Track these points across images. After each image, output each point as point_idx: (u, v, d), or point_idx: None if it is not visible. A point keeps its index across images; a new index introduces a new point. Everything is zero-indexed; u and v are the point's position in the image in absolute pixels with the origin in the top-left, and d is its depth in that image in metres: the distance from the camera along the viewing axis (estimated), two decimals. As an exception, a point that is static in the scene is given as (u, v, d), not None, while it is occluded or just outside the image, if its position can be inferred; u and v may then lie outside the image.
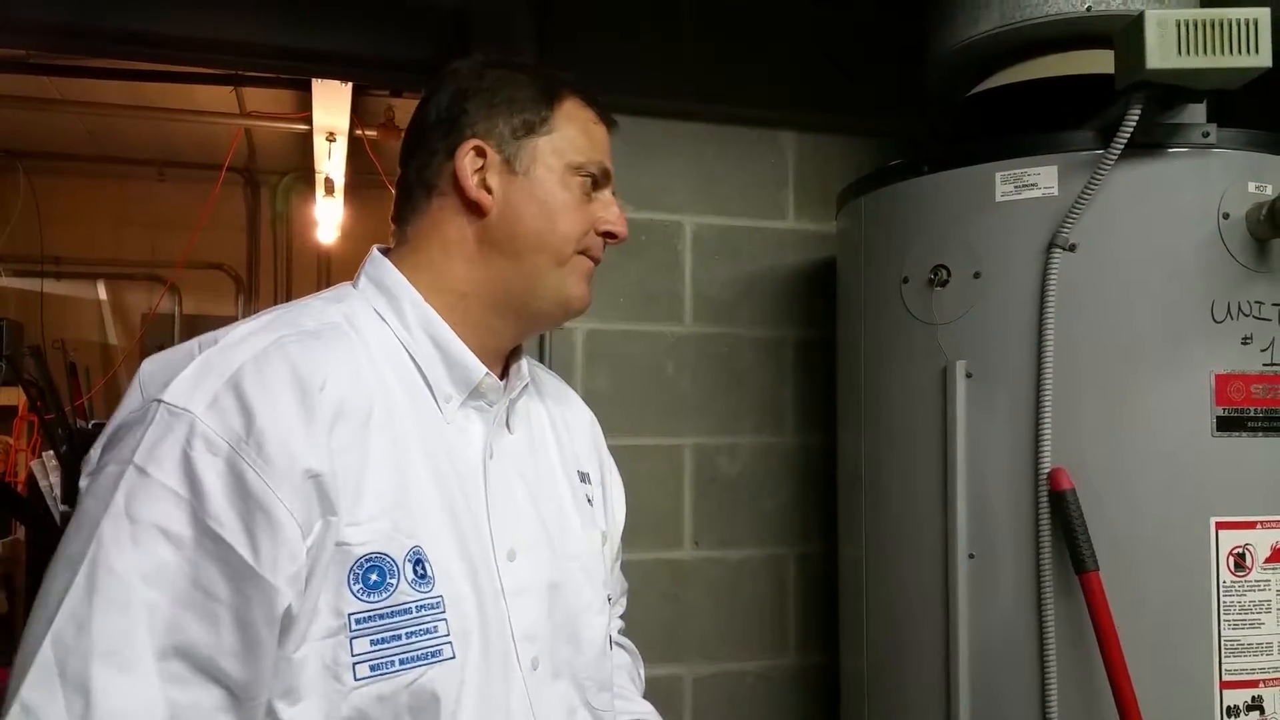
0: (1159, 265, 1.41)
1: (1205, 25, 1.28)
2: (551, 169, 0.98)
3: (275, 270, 5.82)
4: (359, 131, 4.19)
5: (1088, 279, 1.42)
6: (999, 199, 1.48)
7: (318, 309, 0.94)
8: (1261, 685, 1.38)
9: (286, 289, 5.79)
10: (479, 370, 0.96)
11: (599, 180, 1.02)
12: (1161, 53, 1.28)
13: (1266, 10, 1.28)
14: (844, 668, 1.89)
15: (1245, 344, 1.41)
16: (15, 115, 4.42)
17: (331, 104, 3.73)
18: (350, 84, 3.48)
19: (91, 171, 5.41)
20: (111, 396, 5.18)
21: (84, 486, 0.83)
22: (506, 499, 0.97)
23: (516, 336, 1.04)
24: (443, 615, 0.86)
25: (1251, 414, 1.41)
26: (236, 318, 0.95)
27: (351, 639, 0.82)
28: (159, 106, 4.33)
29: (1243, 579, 1.39)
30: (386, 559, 0.84)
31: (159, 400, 0.81)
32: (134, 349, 5.59)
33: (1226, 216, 1.40)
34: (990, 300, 1.49)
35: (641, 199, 2.13)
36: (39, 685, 0.74)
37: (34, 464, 3.87)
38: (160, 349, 0.92)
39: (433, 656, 0.85)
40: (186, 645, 0.77)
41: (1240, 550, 1.40)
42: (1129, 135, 1.36)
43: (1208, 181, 1.41)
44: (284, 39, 2.07)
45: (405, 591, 0.84)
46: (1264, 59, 1.28)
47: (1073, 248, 1.41)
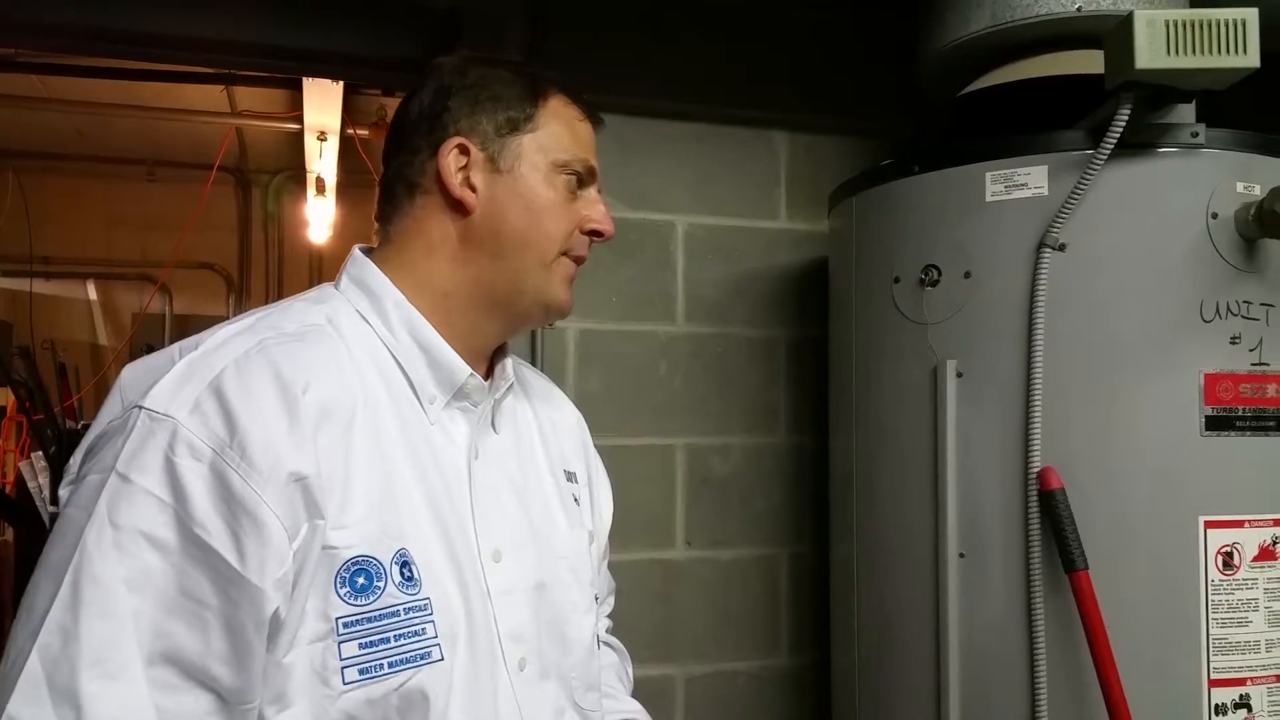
0: (1148, 265, 1.42)
1: (1194, 25, 1.28)
2: (536, 167, 0.98)
3: (267, 270, 5.81)
4: (351, 131, 4.18)
5: (1077, 279, 1.43)
6: (989, 199, 1.48)
7: (299, 311, 0.93)
8: (1249, 683, 1.39)
9: (278, 289, 5.77)
10: (463, 371, 0.96)
11: (584, 178, 1.01)
12: (1151, 53, 1.28)
13: (1254, 11, 1.29)
14: (835, 667, 1.89)
15: (1234, 343, 1.42)
16: (4, 114, 4.40)
17: (323, 103, 3.72)
18: (342, 83, 3.48)
19: (81, 171, 5.39)
20: (101, 397, 5.09)
21: (65, 496, 0.82)
22: (492, 499, 0.97)
23: (500, 336, 1.03)
24: (430, 617, 0.86)
25: (1240, 413, 1.42)
26: (227, 318, 0.95)
27: (339, 643, 0.81)
28: (150, 106, 4.31)
29: (1231, 577, 1.40)
30: (374, 562, 0.84)
31: (140, 406, 0.80)
32: (124, 349, 5.57)
33: (1215, 216, 1.41)
34: (980, 300, 1.50)
35: (634, 199, 2.13)
36: (27, 698, 0.73)
37: (22, 465, 3.85)
38: (150, 349, 0.91)
39: (421, 659, 0.85)
40: (175, 651, 0.76)
41: (1228, 549, 1.40)
42: (1118, 135, 1.36)
43: (1196, 181, 1.42)
44: (275, 38, 2.07)
45: (393, 594, 0.84)
46: (1252, 59, 1.28)
47: (1062, 247, 1.42)
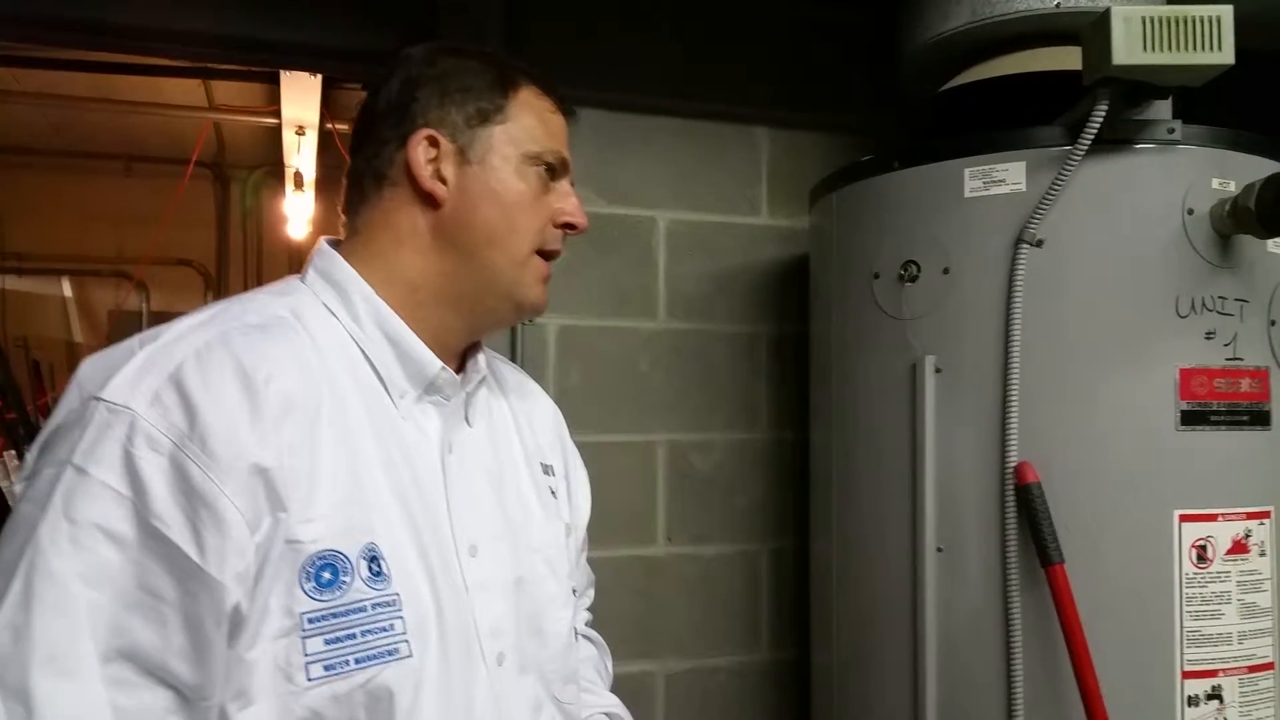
0: (1125, 260, 1.43)
1: (1170, 22, 1.29)
2: (507, 158, 0.96)
3: (245, 266, 5.77)
4: (330, 125, 4.16)
5: (1055, 274, 1.43)
6: (968, 195, 1.49)
7: (262, 303, 0.92)
8: (1221, 674, 1.41)
9: (256, 285, 5.69)
10: (434, 364, 0.94)
11: (557, 170, 1.00)
12: (1128, 48, 1.29)
13: (1229, 8, 1.30)
14: (814, 662, 1.90)
15: (1209, 339, 1.43)
16: (-25, 108, 4.35)
17: (301, 97, 3.69)
18: (320, 77, 3.45)
19: (55, 166, 5.33)
20: (77, 394, 5.08)
21: (19, 492, 0.81)
22: (467, 494, 0.96)
23: (471, 334, 1.02)
24: (399, 613, 0.85)
25: (1214, 408, 1.43)
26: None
27: (304, 639, 0.80)
28: (125, 99, 4.27)
29: (1205, 570, 1.41)
30: (340, 556, 0.82)
31: (97, 399, 0.79)
32: (100, 346, 5.50)
33: (1191, 212, 1.42)
34: (959, 296, 1.50)
35: (615, 194, 2.13)
36: None
37: (-5, 463, 3.80)
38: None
39: (389, 655, 0.83)
40: (132, 647, 0.75)
41: (1202, 542, 1.42)
42: (1095, 131, 1.37)
43: (1173, 177, 1.43)
44: (252, 30, 2.05)
45: (360, 589, 0.83)
46: (1227, 56, 1.29)
47: (1040, 243, 1.42)
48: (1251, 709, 1.42)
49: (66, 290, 5.75)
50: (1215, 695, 1.40)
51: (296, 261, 5.55)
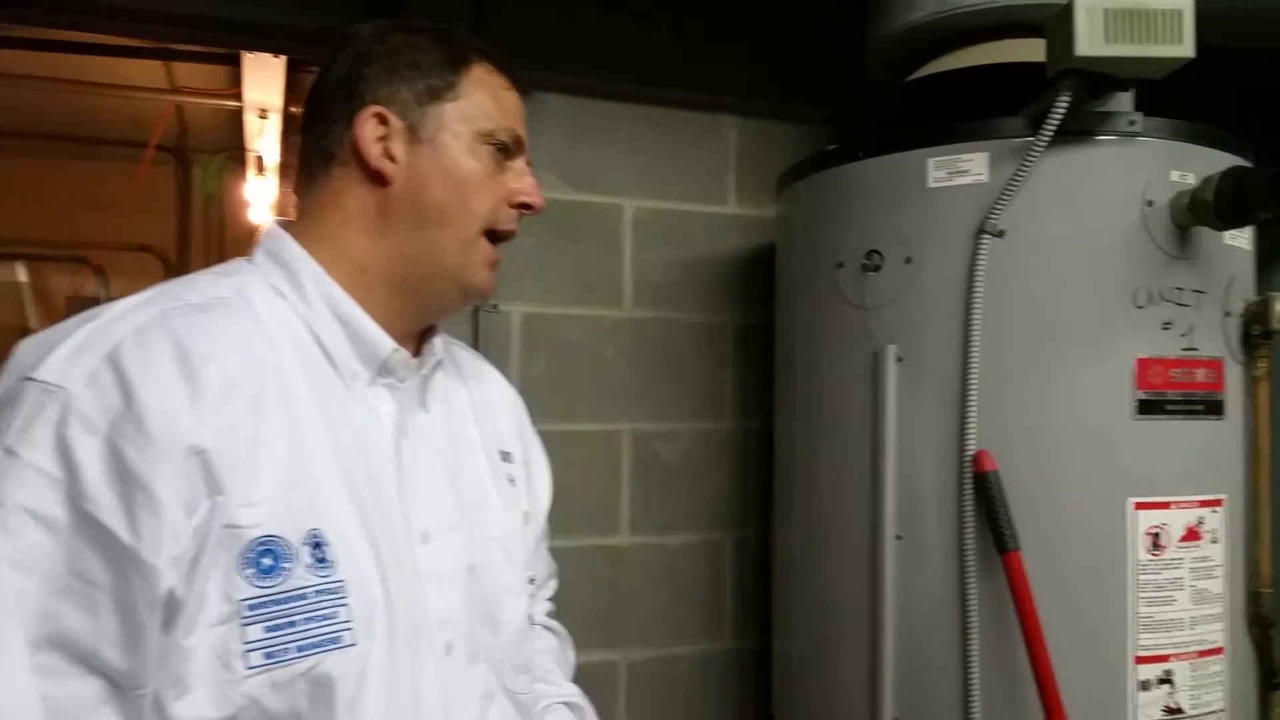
0: (1084, 251, 1.44)
1: (1132, 15, 1.30)
2: (459, 136, 0.95)
3: (207, 252, 5.67)
4: (293, 109, 4.09)
5: (1015, 265, 1.45)
6: (931, 185, 1.50)
7: (206, 283, 0.90)
8: (1172, 659, 1.43)
9: (219, 271, 5.63)
10: (386, 345, 0.93)
11: (511, 149, 0.98)
12: (1090, 40, 1.30)
13: (1190, 1, 1.31)
14: (776, 650, 1.91)
15: (1165, 329, 1.45)
16: (-78, 87, 4.24)
17: (264, 80, 3.63)
18: (283, 59, 3.40)
19: (8, 148, 5.20)
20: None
21: None
22: (421, 479, 0.94)
23: (421, 318, 1.00)
24: (344, 601, 0.83)
25: (1170, 397, 1.45)
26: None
27: (244, 625, 0.78)
28: (82, 80, 4.17)
29: (1158, 557, 1.43)
30: (281, 542, 0.80)
31: (31, 379, 0.77)
32: (57, 332, 5.40)
33: (1150, 204, 1.44)
34: (921, 285, 1.51)
35: (581, 181, 2.12)
36: None
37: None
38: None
39: (332, 643, 0.82)
40: (63, 635, 0.73)
41: (1156, 530, 1.43)
42: (1058, 122, 1.38)
43: (1133, 169, 1.44)
44: (213, 9, 2.02)
45: (302, 576, 0.81)
46: (1187, 49, 1.31)
47: (1001, 234, 1.43)
48: (1201, 693, 1.44)
49: (21, 276, 5.63)
50: (1167, 679, 1.43)
51: (260, 248, 5.47)
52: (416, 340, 1.01)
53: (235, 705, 0.77)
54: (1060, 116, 1.38)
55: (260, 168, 4.39)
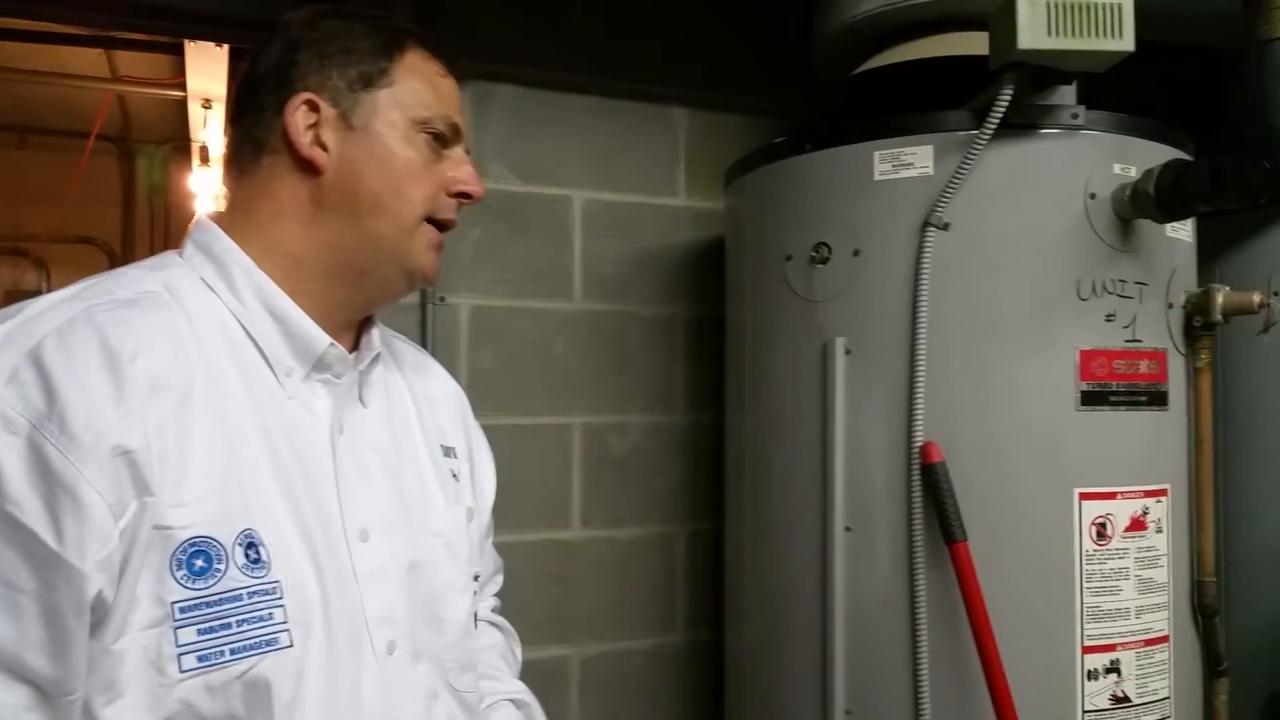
0: (1028, 244, 1.45)
1: (1073, 8, 1.31)
2: (393, 124, 0.92)
3: (152, 244, 5.55)
4: (239, 99, 4.01)
5: (961, 257, 1.45)
6: (877, 178, 1.50)
7: (134, 277, 0.88)
8: (1119, 648, 1.45)
9: (164, 264, 5.53)
10: (321, 341, 0.91)
11: (448, 137, 0.96)
12: (1032, 33, 1.31)
13: (1130, -5, 1.32)
14: (728, 643, 1.91)
15: (1109, 321, 1.46)
16: None
17: (207, 69, 3.55)
18: (226, 48, 3.33)
19: (-57, 137, 5.07)
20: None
21: None
22: (359, 477, 0.93)
23: (361, 307, 0.98)
24: (279, 601, 0.82)
25: (1114, 389, 1.46)
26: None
27: (176, 629, 0.76)
28: (19, 68, 4.06)
29: (1104, 548, 1.45)
30: (213, 543, 0.79)
31: None
32: (-5, 327, 5.26)
33: (1093, 197, 1.45)
34: (869, 278, 1.51)
35: (530, 173, 2.09)
36: None
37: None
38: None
39: (267, 645, 0.80)
40: None
41: (1102, 520, 1.45)
42: (1001, 115, 1.38)
43: (1076, 162, 1.45)
44: (154, -3, 1.97)
45: (235, 577, 0.79)
46: (1127, 43, 1.32)
47: (946, 226, 1.44)
48: (1148, 681, 1.46)
49: (-41, 268, 5.48)
50: (1114, 669, 1.44)
51: (207, 240, 5.37)
52: (354, 333, 0.99)
53: (168, 710, 0.76)
54: (1003, 109, 1.38)
55: (205, 158, 4.30)
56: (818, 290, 1.56)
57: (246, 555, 0.81)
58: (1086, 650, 1.43)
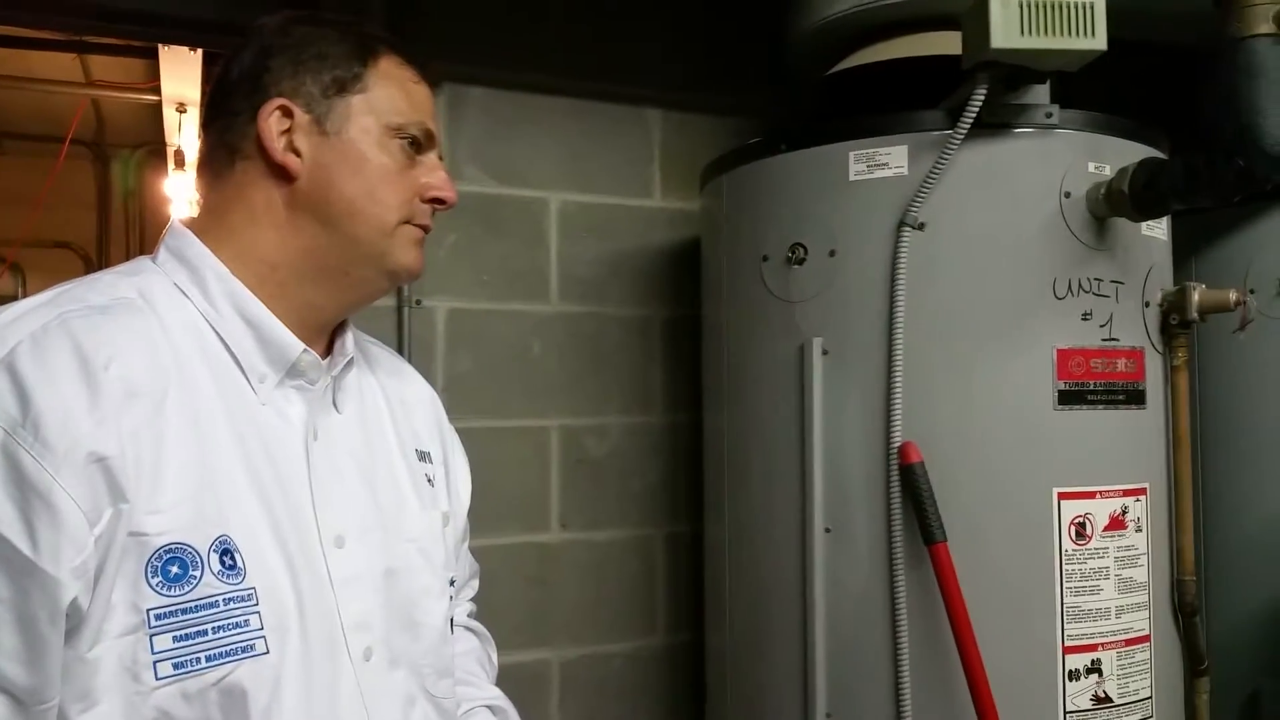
0: (1004, 243, 1.45)
1: (1046, 8, 1.31)
2: (367, 130, 0.93)
3: (128, 248, 5.51)
4: (214, 104, 3.98)
5: (937, 257, 1.45)
6: (852, 178, 1.49)
7: (108, 283, 0.87)
8: (1100, 649, 1.44)
9: (140, 270, 5.49)
10: (295, 347, 0.90)
11: (422, 143, 0.96)
12: (1005, 32, 1.31)
13: (1102, -7, 1.32)
14: (709, 644, 1.90)
15: (1085, 320, 1.46)
16: None
17: (181, 73, 3.52)
18: (200, 52, 3.30)
19: (-86, 141, 5.01)
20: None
21: None
22: (334, 482, 0.92)
23: (342, 309, 0.98)
24: (255, 608, 0.81)
25: (1091, 387, 1.46)
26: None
27: (151, 636, 0.76)
28: (-10, 73, 4.03)
29: (1083, 547, 1.45)
30: (188, 549, 0.79)
31: None
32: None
33: (1068, 195, 1.45)
34: (845, 278, 1.50)
35: (505, 174, 2.08)
36: None
37: None
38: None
39: (244, 652, 0.80)
40: None
41: (1081, 519, 1.45)
42: (975, 115, 1.38)
43: (1050, 161, 1.45)
44: (127, 1, 1.95)
45: (210, 584, 0.79)
46: (1099, 42, 1.32)
47: (921, 226, 1.43)
48: (1129, 680, 1.47)
49: (-67, 274, 5.42)
50: (1095, 669, 1.44)
51: (184, 244, 5.33)
52: (328, 338, 0.98)
53: (144, 717, 0.76)
54: (977, 109, 1.38)
55: (180, 162, 4.28)
56: (794, 291, 1.56)
57: (222, 561, 0.80)
58: (1067, 650, 1.43)
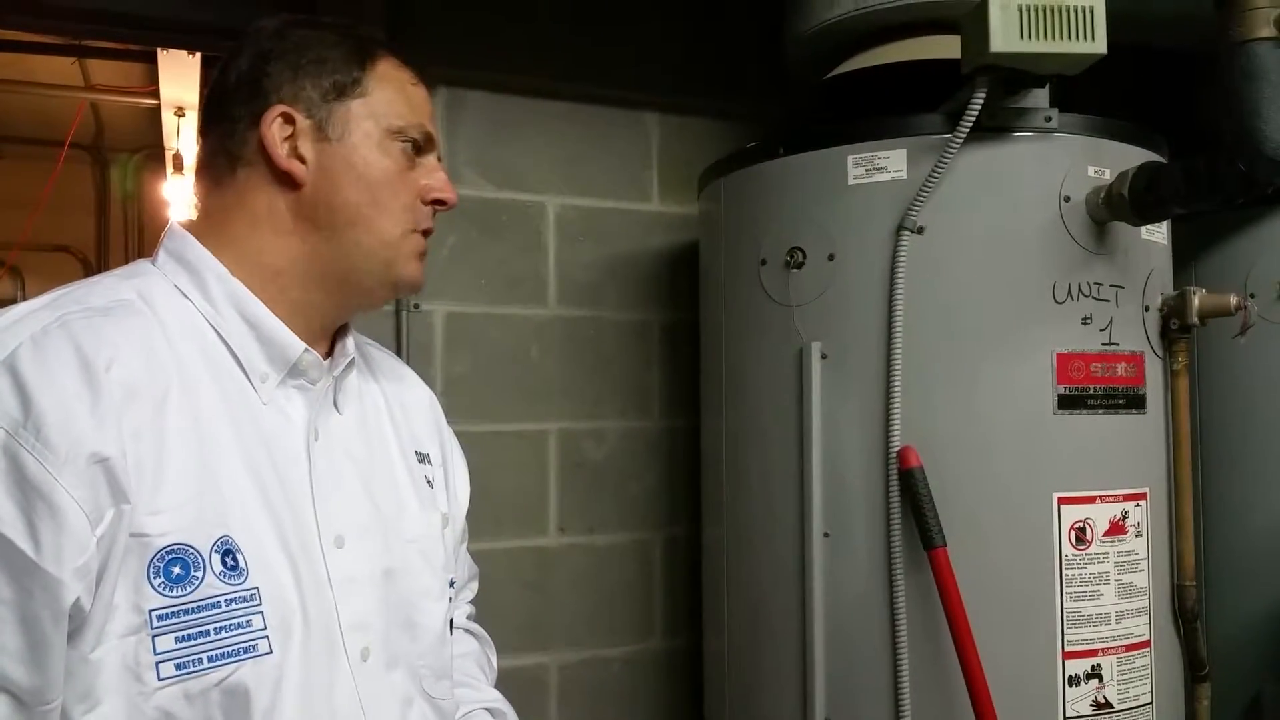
0: (1003, 247, 1.44)
1: (1045, 11, 1.31)
2: (369, 134, 0.93)
3: (127, 252, 5.50)
4: (213, 107, 3.98)
5: (936, 261, 1.44)
6: (851, 182, 1.49)
7: (108, 286, 0.87)
8: (1100, 654, 1.44)
9: (140, 273, 5.49)
10: (296, 347, 0.90)
11: (422, 145, 0.97)
12: (1005, 36, 1.30)
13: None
14: (707, 649, 1.89)
15: (1085, 324, 1.46)
16: None
17: (180, 77, 3.52)
18: (199, 56, 3.30)
19: (-87, 146, 5.01)
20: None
21: None
22: (334, 483, 0.92)
23: (343, 314, 0.98)
24: (258, 608, 0.81)
25: (1091, 392, 1.46)
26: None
27: (153, 636, 0.76)
28: (-7, 77, 4.03)
29: (1083, 552, 1.44)
30: (190, 550, 0.79)
31: None
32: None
33: (1067, 200, 1.44)
34: (844, 282, 1.50)
35: (503, 178, 2.08)
36: None
37: None
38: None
39: (246, 652, 0.80)
40: None
41: (1081, 524, 1.44)
42: (974, 119, 1.38)
43: (1049, 165, 1.45)
44: (127, 6, 1.95)
45: (212, 584, 0.79)
46: (1099, 45, 1.31)
47: (920, 230, 1.43)
48: (1129, 686, 1.46)
49: (-68, 278, 5.42)
50: (1095, 674, 1.43)
51: (182, 248, 5.32)
52: (329, 340, 0.98)
53: (146, 717, 0.76)
54: (976, 113, 1.38)
55: (179, 166, 4.27)
56: (793, 295, 1.55)
57: (224, 562, 0.80)
58: (1067, 655, 1.42)
